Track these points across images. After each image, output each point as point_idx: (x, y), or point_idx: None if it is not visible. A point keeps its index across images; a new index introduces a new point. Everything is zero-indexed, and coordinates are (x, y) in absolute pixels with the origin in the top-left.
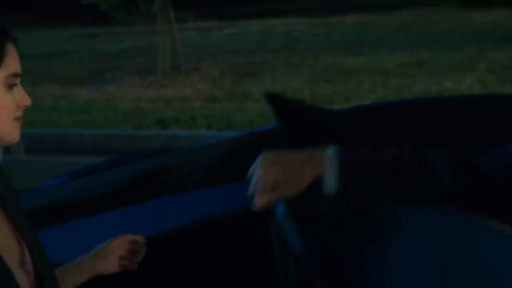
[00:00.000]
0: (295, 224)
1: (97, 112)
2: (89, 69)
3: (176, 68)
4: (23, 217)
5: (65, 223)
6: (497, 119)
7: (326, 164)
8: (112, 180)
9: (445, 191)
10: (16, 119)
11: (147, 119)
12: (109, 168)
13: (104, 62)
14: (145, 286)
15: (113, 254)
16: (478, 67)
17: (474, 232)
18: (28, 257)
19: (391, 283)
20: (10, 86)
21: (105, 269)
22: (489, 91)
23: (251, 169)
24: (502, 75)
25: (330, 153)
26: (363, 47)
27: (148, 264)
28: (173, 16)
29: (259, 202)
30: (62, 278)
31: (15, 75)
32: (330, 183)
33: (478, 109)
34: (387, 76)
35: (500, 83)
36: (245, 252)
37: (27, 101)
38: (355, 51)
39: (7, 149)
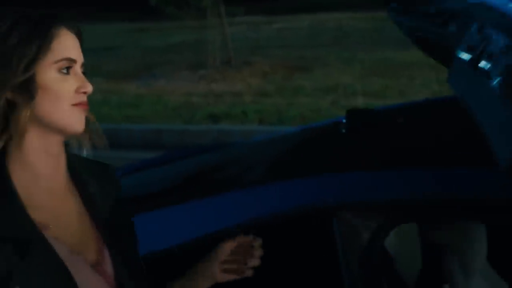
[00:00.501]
0: None
1: (147, 107)
2: (138, 63)
3: (226, 63)
4: (114, 216)
5: None
6: None
7: None
8: (166, 176)
9: None
10: (75, 105)
11: (198, 113)
12: (161, 164)
13: (154, 57)
14: None
15: (216, 260)
16: None
17: None
18: (107, 258)
19: None
20: (62, 71)
21: (220, 277)
22: None
23: None
24: None
25: None
26: None
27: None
28: (223, 10)
29: None
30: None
31: (68, 59)
32: None
33: None
34: (440, 70)
35: None
36: (307, 251)
37: (86, 87)
38: (408, 45)
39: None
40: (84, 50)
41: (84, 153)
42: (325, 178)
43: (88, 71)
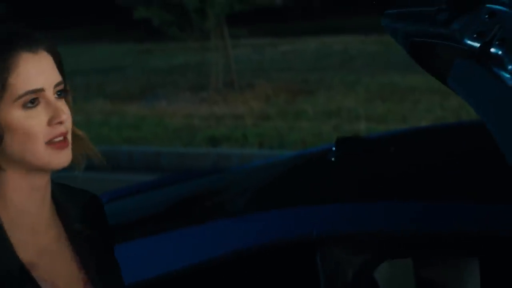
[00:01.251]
0: None
1: (147, 129)
2: (141, 84)
3: (229, 85)
4: (99, 250)
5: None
6: None
7: None
8: (161, 201)
9: None
10: (50, 142)
11: (198, 136)
12: (158, 187)
13: (156, 78)
14: None
15: None
16: None
17: None
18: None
19: None
20: (28, 106)
21: None
22: None
23: None
24: None
25: None
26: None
27: None
28: (227, 32)
29: None
30: None
31: (32, 92)
32: None
33: None
34: (445, 95)
35: None
36: (289, 285)
37: (60, 116)
38: (412, 69)
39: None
40: (88, 71)
41: (78, 173)
42: (310, 209)
43: (91, 91)
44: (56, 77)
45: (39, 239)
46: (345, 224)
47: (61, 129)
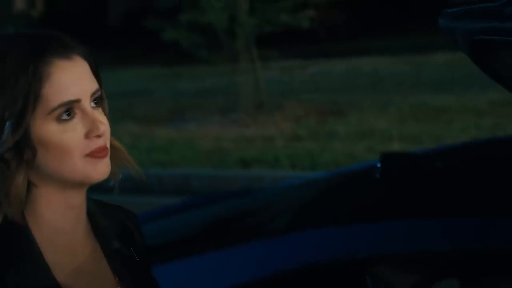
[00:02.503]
0: None
1: (177, 151)
2: (170, 107)
3: (258, 107)
4: (137, 269)
5: None
6: None
7: None
8: (192, 223)
9: None
10: (89, 155)
11: (229, 158)
12: (190, 209)
13: (185, 101)
14: None
15: None
16: None
17: None
18: None
19: None
20: (63, 118)
21: None
22: None
23: None
24: None
25: None
26: (452, 86)
27: None
28: (256, 53)
29: None
30: None
31: (67, 104)
32: None
33: None
34: (479, 115)
35: None
36: None
37: (98, 129)
38: (445, 89)
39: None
40: (118, 95)
41: (115, 185)
42: (357, 228)
43: (120, 115)
44: (92, 85)
45: (75, 258)
46: (394, 243)
47: (99, 142)
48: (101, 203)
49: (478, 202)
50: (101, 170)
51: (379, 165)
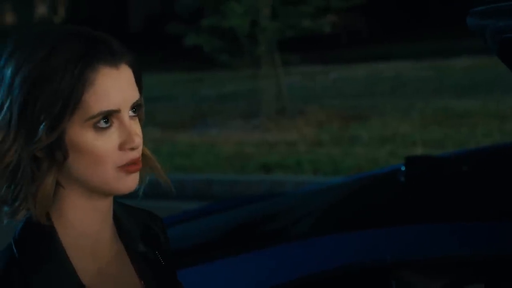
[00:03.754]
0: None
1: (198, 157)
2: (192, 112)
3: (280, 112)
4: (162, 273)
5: None
6: None
7: None
8: (214, 228)
9: None
10: (122, 168)
11: (251, 163)
12: (209, 214)
13: (207, 106)
14: None
15: None
16: None
17: None
18: None
19: None
20: (100, 126)
21: None
22: None
23: None
24: None
25: None
26: (475, 90)
27: None
28: (278, 58)
29: None
30: None
31: (106, 113)
32: None
33: None
34: (503, 119)
35: None
36: None
37: (132, 141)
38: (467, 94)
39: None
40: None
41: (140, 191)
42: (382, 232)
43: (145, 121)
44: (134, 95)
45: (100, 261)
46: (420, 247)
47: (133, 154)
48: (127, 206)
49: (504, 206)
50: (130, 184)
51: (403, 168)
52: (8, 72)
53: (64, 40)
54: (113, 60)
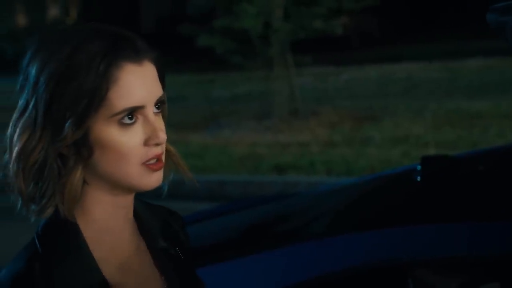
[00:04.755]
0: None
1: (212, 157)
2: (204, 114)
3: (293, 113)
4: (183, 268)
5: None
6: None
7: None
8: (226, 228)
9: None
10: (146, 165)
11: (264, 164)
12: (222, 215)
13: (219, 107)
14: None
15: None
16: None
17: None
18: None
19: None
20: (124, 122)
21: None
22: None
23: None
24: None
25: None
26: (488, 91)
27: None
28: (291, 59)
29: None
30: None
31: (130, 109)
32: None
33: None
34: None
35: None
36: None
37: (157, 137)
38: (480, 95)
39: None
40: None
41: (164, 187)
42: (398, 231)
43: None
44: (158, 91)
45: (122, 257)
46: (437, 247)
47: (157, 150)
48: (147, 203)
49: None
50: (154, 181)
51: (419, 168)
52: (33, 70)
53: (88, 37)
54: (137, 57)
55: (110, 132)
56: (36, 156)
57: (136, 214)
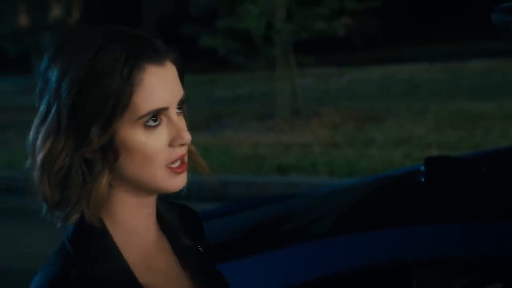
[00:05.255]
0: None
1: (214, 158)
2: (206, 114)
3: (295, 114)
4: (205, 266)
5: None
6: None
7: None
8: (229, 228)
9: None
10: (170, 168)
11: (266, 165)
12: (225, 215)
13: (222, 107)
14: None
15: None
16: None
17: None
18: None
19: None
20: (149, 125)
21: None
22: None
23: None
24: None
25: None
26: (490, 93)
27: None
28: (293, 60)
29: None
30: None
31: (155, 112)
32: None
33: None
34: None
35: None
36: None
37: (182, 137)
38: (482, 96)
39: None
40: None
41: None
42: (402, 231)
43: None
44: (180, 91)
45: (150, 257)
46: (440, 247)
47: (181, 151)
48: (167, 202)
49: None
50: (179, 182)
51: (423, 168)
52: (53, 75)
53: (110, 40)
54: (158, 58)
55: (135, 135)
56: (61, 163)
57: (159, 214)
